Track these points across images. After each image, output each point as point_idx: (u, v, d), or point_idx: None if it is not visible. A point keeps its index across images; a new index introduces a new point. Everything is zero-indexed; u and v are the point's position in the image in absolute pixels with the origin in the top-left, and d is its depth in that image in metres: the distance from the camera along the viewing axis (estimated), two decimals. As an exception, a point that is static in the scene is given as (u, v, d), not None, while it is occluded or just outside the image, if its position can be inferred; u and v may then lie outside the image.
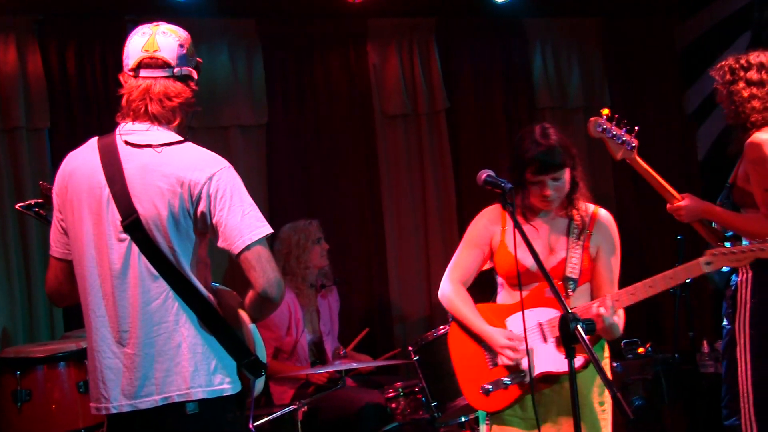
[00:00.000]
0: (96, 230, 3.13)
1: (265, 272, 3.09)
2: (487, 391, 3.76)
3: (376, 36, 6.79)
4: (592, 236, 3.81)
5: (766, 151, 4.28)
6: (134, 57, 3.19)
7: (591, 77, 7.39)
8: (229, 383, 3.14)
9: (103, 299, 3.11)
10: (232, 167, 3.19)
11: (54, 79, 5.81)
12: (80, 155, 3.26)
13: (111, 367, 3.09)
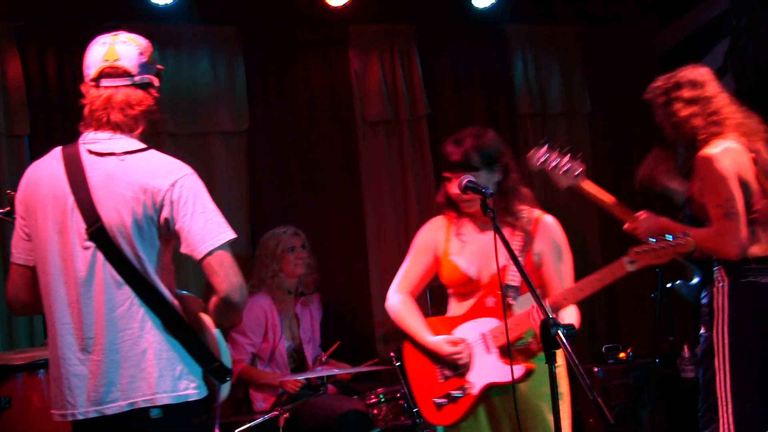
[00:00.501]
0: (61, 238, 3.15)
1: (227, 277, 3.12)
2: (439, 405, 3.84)
3: (357, 42, 6.81)
4: (534, 242, 3.84)
5: (716, 166, 4.27)
6: (95, 67, 3.23)
7: (571, 84, 7.42)
8: (195, 388, 3.16)
9: (68, 307, 3.13)
10: (195, 174, 3.22)
11: (34, 85, 5.82)
12: (44, 164, 3.29)
13: (76, 373, 3.10)
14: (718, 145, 4.32)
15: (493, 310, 3.78)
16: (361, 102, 6.82)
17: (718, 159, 4.27)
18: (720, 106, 4.46)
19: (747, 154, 4.35)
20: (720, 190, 4.26)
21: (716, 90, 4.52)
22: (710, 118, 4.42)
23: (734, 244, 4.25)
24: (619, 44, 7.56)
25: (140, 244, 3.12)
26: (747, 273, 4.35)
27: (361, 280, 6.78)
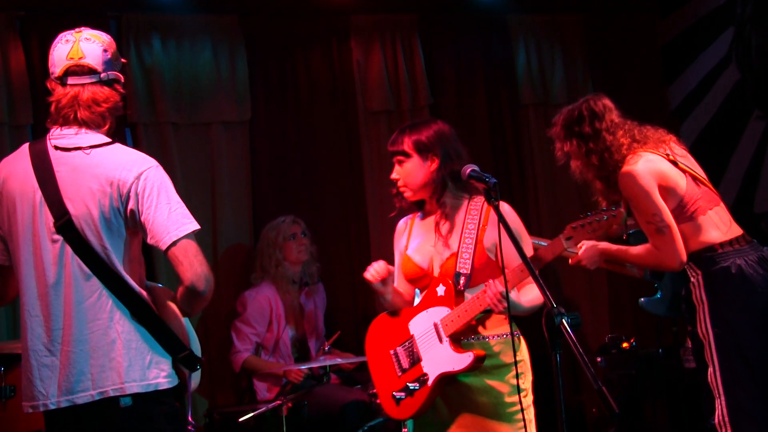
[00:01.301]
0: (30, 233, 3.20)
1: (191, 266, 3.16)
2: (398, 400, 3.84)
3: (359, 32, 6.82)
4: (486, 230, 3.81)
5: (638, 182, 4.30)
6: (60, 65, 3.25)
7: (574, 73, 7.42)
8: (165, 377, 3.18)
9: (39, 299, 3.17)
10: (160, 167, 3.26)
11: (36, 75, 5.76)
12: (12, 161, 3.34)
13: (47, 364, 3.13)
14: (635, 161, 4.36)
15: (443, 299, 3.76)
16: (362, 92, 6.83)
17: (638, 175, 4.31)
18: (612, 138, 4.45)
19: (664, 159, 4.39)
20: (646, 207, 4.29)
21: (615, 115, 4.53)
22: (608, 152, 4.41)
23: (672, 256, 4.30)
24: (622, 34, 7.54)
25: (107, 236, 3.16)
26: (717, 260, 4.36)
27: (363, 269, 6.69)
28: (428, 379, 3.73)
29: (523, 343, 3.88)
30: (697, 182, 4.37)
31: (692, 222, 4.34)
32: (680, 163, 4.40)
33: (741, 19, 7.04)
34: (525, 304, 3.73)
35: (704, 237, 4.36)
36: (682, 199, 4.34)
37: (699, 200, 4.35)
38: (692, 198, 4.35)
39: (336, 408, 5.28)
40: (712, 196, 4.39)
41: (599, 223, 3.30)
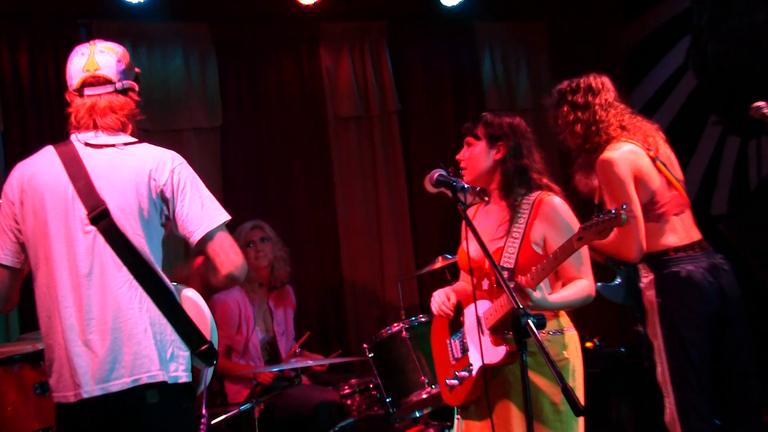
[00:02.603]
0: (61, 226, 3.21)
1: (228, 257, 3.26)
2: (450, 387, 3.82)
3: (328, 39, 6.86)
4: (534, 225, 3.74)
5: (614, 170, 4.32)
6: (77, 77, 3.32)
7: (538, 79, 7.48)
8: (183, 371, 3.23)
9: (72, 291, 3.17)
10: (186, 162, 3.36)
11: (6, 82, 5.82)
12: (36, 161, 3.36)
13: (80, 354, 3.13)
14: (617, 148, 4.38)
15: (486, 293, 3.73)
16: (332, 98, 6.89)
17: (616, 163, 4.33)
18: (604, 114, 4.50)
19: (645, 154, 4.41)
20: (619, 194, 4.31)
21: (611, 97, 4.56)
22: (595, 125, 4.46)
23: (633, 246, 4.32)
24: (585, 41, 7.65)
25: (143, 225, 3.23)
26: (669, 264, 4.40)
27: (333, 272, 6.82)
28: (473, 369, 3.72)
29: (574, 341, 3.83)
30: (670, 186, 4.40)
31: (655, 223, 4.37)
32: (659, 162, 4.43)
33: (697, 28, 7.14)
34: (553, 301, 3.61)
35: (662, 240, 4.40)
36: (653, 197, 4.37)
37: (667, 203, 4.38)
38: (662, 199, 4.38)
39: (308, 409, 5.25)
40: (681, 202, 4.43)
41: (604, 224, 3.30)
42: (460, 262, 3.98)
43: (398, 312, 5.70)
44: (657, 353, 4.46)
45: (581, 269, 3.68)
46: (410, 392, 4.82)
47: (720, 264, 4.42)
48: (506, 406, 3.65)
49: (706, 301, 4.35)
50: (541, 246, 3.70)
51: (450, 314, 3.91)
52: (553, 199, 3.76)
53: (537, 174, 3.83)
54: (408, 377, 4.86)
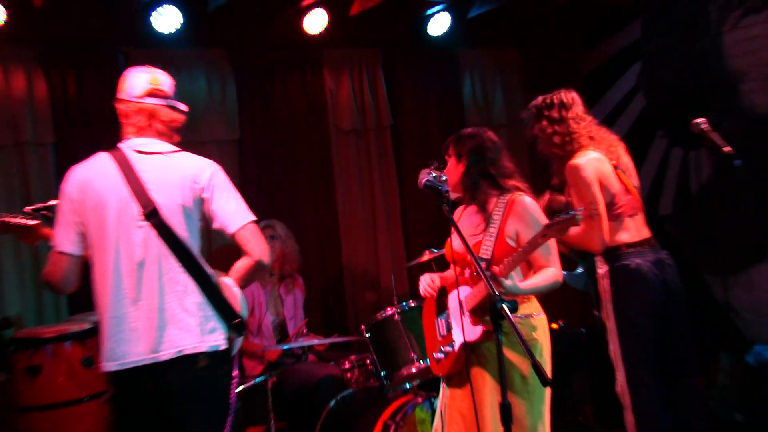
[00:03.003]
0: (118, 221, 3.28)
1: (259, 243, 3.40)
2: (437, 359, 3.88)
3: (331, 64, 6.83)
4: (508, 221, 3.73)
5: (582, 174, 4.36)
6: (141, 88, 3.42)
7: (512, 98, 7.50)
8: (222, 340, 3.33)
9: (126, 276, 3.25)
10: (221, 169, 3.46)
11: (57, 100, 5.78)
12: (93, 165, 3.41)
13: (135, 328, 3.23)
14: (584, 155, 4.42)
15: (467, 280, 3.74)
16: (333, 114, 6.88)
17: (583, 168, 4.37)
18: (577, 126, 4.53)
19: (608, 162, 4.45)
20: (585, 195, 4.35)
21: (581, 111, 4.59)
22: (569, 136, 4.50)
23: (597, 240, 4.35)
24: (552, 65, 7.54)
25: (187, 221, 3.33)
26: (621, 258, 4.45)
27: (334, 264, 6.83)
28: (455, 345, 3.75)
29: (543, 323, 3.82)
30: (626, 191, 4.45)
31: (612, 222, 4.40)
32: (619, 170, 4.48)
33: (646, 56, 7.13)
34: (524, 287, 3.61)
35: (617, 237, 4.42)
36: (612, 199, 4.40)
37: (623, 206, 4.43)
38: (619, 202, 4.43)
39: (312, 382, 5.30)
40: (635, 205, 4.47)
41: (563, 223, 3.30)
42: (447, 254, 3.96)
43: (391, 298, 5.56)
44: (609, 333, 4.53)
45: (550, 259, 3.68)
46: (401, 367, 4.81)
47: (665, 259, 4.48)
48: (483, 377, 3.66)
49: (651, 290, 4.42)
50: (514, 239, 3.70)
51: (434, 294, 3.96)
52: (525, 198, 3.75)
53: (504, 178, 3.83)
54: (399, 354, 4.85)
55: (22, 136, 5.66)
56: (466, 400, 3.70)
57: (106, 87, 5.88)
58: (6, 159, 5.67)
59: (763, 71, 6.27)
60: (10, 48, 5.66)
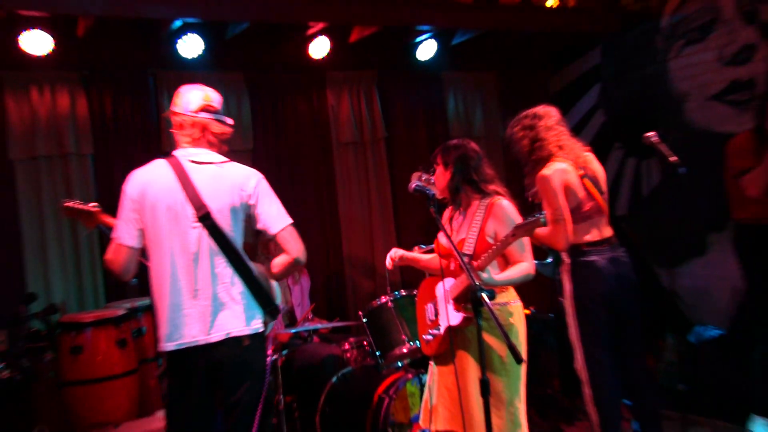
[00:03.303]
0: (174, 222, 3.31)
1: (297, 244, 3.42)
2: (426, 341, 3.88)
3: (333, 84, 6.83)
4: (488, 222, 3.72)
5: (550, 184, 4.35)
6: (195, 103, 3.42)
7: (489, 114, 7.52)
8: (261, 325, 3.39)
9: (183, 269, 3.29)
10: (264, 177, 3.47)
11: (96, 117, 5.80)
12: (152, 170, 3.42)
13: (190, 314, 3.28)
14: (552, 167, 4.38)
15: (452, 272, 3.75)
16: (335, 128, 6.86)
17: (550, 178, 4.34)
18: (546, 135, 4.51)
19: (574, 172, 4.42)
20: (552, 202, 4.33)
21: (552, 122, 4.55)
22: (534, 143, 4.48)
23: (561, 240, 4.33)
24: (524, 86, 7.63)
25: (234, 223, 3.35)
26: (581, 254, 4.42)
27: (336, 259, 6.83)
28: (441, 328, 3.74)
29: (518, 310, 3.82)
30: (591, 197, 4.43)
31: (577, 224, 4.39)
32: (585, 179, 4.45)
33: (605, 78, 7.24)
34: (499, 279, 3.63)
35: (580, 236, 4.38)
36: (579, 204, 4.38)
37: (587, 211, 4.43)
38: (583, 207, 4.41)
39: (317, 360, 5.32)
40: (599, 210, 4.46)
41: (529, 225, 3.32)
42: (436, 249, 3.97)
43: (385, 288, 5.54)
44: (568, 318, 4.55)
45: (523, 255, 3.69)
46: (394, 347, 4.83)
47: (620, 256, 4.48)
48: (465, 357, 3.67)
49: (604, 282, 4.43)
50: (493, 237, 3.70)
51: (391, 266, 4.07)
52: (503, 202, 3.76)
53: (485, 183, 3.83)
54: (392, 336, 4.86)
55: (65, 148, 5.66)
56: (451, 376, 3.72)
57: (137, 105, 5.97)
58: (52, 167, 5.65)
59: (701, 92, 6.34)
60: (56, 72, 5.66)
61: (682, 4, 6.48)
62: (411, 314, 4.42)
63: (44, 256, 5.60)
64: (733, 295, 6.14)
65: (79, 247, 5.70)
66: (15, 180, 5.57)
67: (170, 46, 5.85)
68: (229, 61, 6.32)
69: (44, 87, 5.64)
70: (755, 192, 4.90)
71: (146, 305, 5.19)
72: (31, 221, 5.58)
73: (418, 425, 4.60)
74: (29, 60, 5.44)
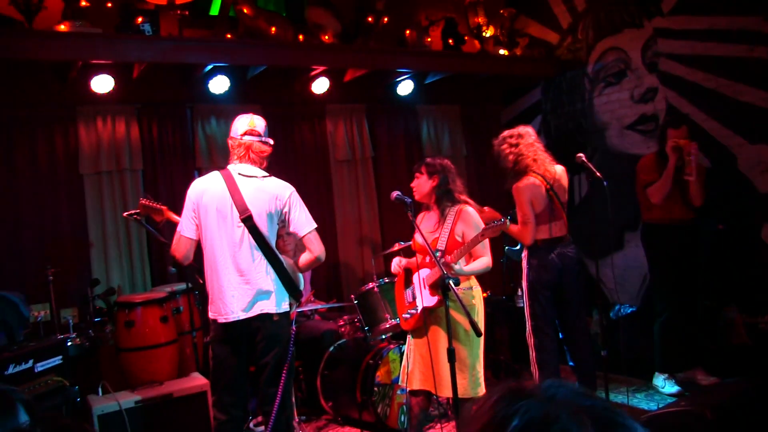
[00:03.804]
0: (223, 221, 3.40)
1: (320, 245, 3.52)
2: (405, 318, 3.92)
3: (331, 114, 6.79)
4: (457, 224, 3.73)
5: (521, 195, 4.51)
6: (242, 129, 3.52)
7: (454, 139, 7.50)
8: (287, 306, 3.49)
9: (231, 259, 3.39)
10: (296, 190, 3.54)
11: (145, 140, 5.80)
12: (209, 180, 3.51)
13: (234, 294, 3.38)
14: (525, 181, 4.52)
15: (428, 264, 3.76)
16: (333, 149, 6.81)
17: (522, 191, 4.52)
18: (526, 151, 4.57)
19: (543, 185, 4.50)
20: (523, 209, 4.52)
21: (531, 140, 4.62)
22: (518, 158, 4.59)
23: (528, 237, 4.55)
24: (481, 116, 7.66)
25: (269, 225, 3.45)
26: (537, 249, 4.62)
27: (332, 253, 6.61)
28: (418, 308, 3.75)
29: (479, 293, 3.80)
30: (551, 206, 4.52)
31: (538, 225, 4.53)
32: (551, 191, 4.51)
33: (545, 111, 7.35)
34: (467, 270, 3.65)
35: (538, 235, 4.57)
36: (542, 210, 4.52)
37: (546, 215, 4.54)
38: (546, 212, 4.54)
39: (318, 333, 5.30)
40: (559, 215, 4.55)
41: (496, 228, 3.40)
42: (413, 246, 3.97)
43: (372, 276, 5.74)
44: (524, 297, 4.72)
45: (484, 251, 3.73)
46: (379, 323, 4.86)
47: (567, 252, 4.59)
48: (437, 331, 3.71)
49: (549, 271, 4.59)
50: (461, 237, 3.73)
51: (401, 271, 3.98)
52: (469, 209, 3.78)
53: (458, 193, 3.84)
54: (378, 315, 4.89)
55: (122, 165, 5.68)
56: (425, 346, 3.73)
57: (177, 131, 5.96)
58: (111, 180, 5.66)
59: (618, 123, 6.55)
60: (116, 105, 5.68)
61: (602, 56, 6.68)
62: (393, 297, 4.44)
63: (105, 250, 5.60)
64: (642, 280, 6.33)
65: (131, 244, 5.73)
66: (84, 190, 5.57)
67: (203, 85, 5.83)
68: (250, 97, 6.26)
69: (107, 117, 5.65)
70: (656, 200, 5.08)
71: (183, 289, 5.13)
72: (95, 223, 5.60)
73: (398, 385, 4.68)
74: (97, 97, 5.48)
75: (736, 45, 5.43)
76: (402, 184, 5.82)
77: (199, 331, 5.07)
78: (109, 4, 5.40)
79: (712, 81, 5.64)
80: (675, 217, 5.14)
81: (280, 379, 3.42)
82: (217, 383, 3.52)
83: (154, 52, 5.07)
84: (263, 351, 3.44)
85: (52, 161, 5.45)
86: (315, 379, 5.06)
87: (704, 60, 5.67)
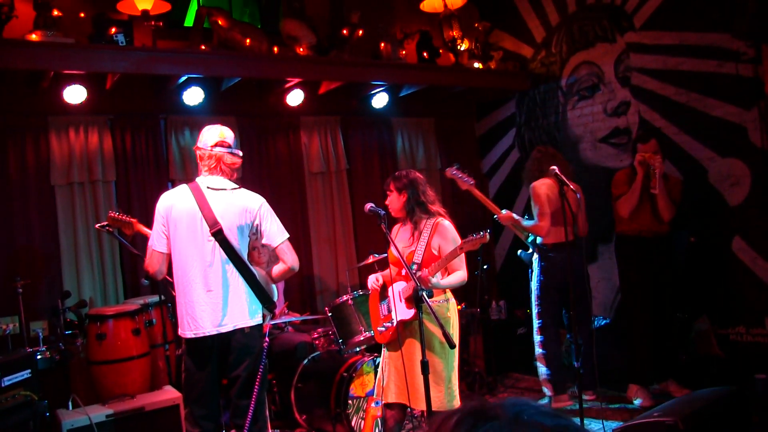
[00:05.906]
0: (192, 236, 3.41)
1: (292, 255, 3.54)
2: (380, 331, 3.91)
3: (305, 127, 6.78)
4: (433, 238, 3.74)
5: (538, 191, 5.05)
6: (212, 140, 3.51)
7: (429, 152, 7.55)
8: (260, 318, 3.51)
9: (200, 274, 3.40)
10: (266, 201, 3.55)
11: (118, 151, 5.75)
12: (177, 193, 3.51)
13: (204, 309, 3.37)
14: (542, 181, 5.08)
15: (404, 277, 3.76)
16: (307, 161, 6.79)
17: (538, 188, 5.05)
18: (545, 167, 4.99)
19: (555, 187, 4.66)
20: (540, 204, 5.00)
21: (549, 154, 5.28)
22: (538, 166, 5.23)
23: (543, 230, 4.95)
24: (456, 130, 7.70)
25: (240, 239, 3.46)
26: (545, 251, 4.96)
27: (306, 266, 6.63)
28: (393, 321, 3.74)
29: (453, 306, 3.80)
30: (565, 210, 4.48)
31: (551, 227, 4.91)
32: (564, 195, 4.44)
33: (519, 124, 7.39)
34: (443, 283, 3.65)
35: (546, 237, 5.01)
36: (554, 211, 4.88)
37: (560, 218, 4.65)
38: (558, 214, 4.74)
39: (292, 346, 5.28)
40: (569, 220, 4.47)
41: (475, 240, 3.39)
42: (389, 259, 3.97)
43: (346, 289, 5.71)
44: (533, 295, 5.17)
45: (460, 265, 3.71)
46: (353, 336, 4.88)
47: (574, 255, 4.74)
48: (412, 344, 3.71)
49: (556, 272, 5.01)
50: (437, 250, 3.73)
51: (378, 288, 3.97)
52: (445, 222, 3.78)
53: (431, 205, 3.82)
54: (352, 327, 4.91)
55: (94, 176, 5.64)
56: (399, 359, 3.74)
57: (151, 142, 5.92)
58: (84, 191, 5.62)
59: (592, 136, 6.64)
60: (89, 116, 5.65)
61: (575, 70, 6.80)
62: (367, 309, 4.41)
63: (77, 261, 5.57)
64: (615, 293, 6.43)
65: (104, 256, 5.70)
66: (55, 201, 5.53)
67: (177, 96, 5.82)
68: (224, 108, 6.25)
69: (79, 128, 5.62)
70: (624, 213, 5.20)
71: (156, 301, 5.10)
72: (67, 234, 5.56)
73: (372, 398, 4.68)
74: (69, 107, 5.45)
75: (706, 60, 5.56)
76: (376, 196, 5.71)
77: (171, 344, 5.04)
78: (83, 14, 5.40)
79: (683, 95, 5.76)
80: (646, 229, 5.22)
81: (252, 391, 3.42)
82: (189, 396, 3.52)
83: (127, 63, 5.05)
84: (234, 363, 3.45)
85: (23, 171, 5.42)
86: (289, 392, 5.04)
87: (675, 75, 5.80)
